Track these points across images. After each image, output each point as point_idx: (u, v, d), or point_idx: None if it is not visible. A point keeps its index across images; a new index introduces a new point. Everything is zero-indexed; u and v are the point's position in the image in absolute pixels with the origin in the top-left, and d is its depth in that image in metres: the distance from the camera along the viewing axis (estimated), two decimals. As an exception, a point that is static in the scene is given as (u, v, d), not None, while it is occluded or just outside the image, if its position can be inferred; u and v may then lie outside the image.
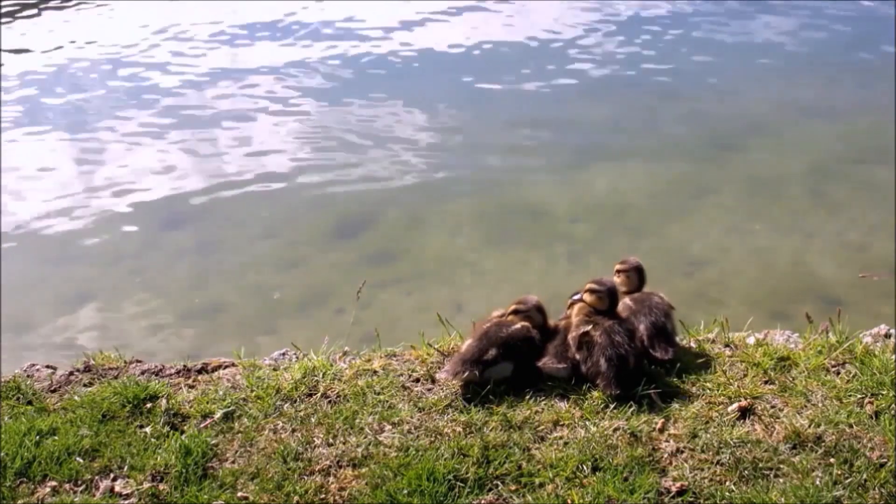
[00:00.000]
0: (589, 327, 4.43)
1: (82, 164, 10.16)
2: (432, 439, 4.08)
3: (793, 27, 13.40)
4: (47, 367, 5.00)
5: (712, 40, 13.00)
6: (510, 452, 3.95)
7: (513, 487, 3.78)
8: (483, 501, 3.73)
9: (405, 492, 3.74)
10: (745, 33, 13.27)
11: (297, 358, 4.93)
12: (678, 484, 3.73)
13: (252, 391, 4.51)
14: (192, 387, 4.64)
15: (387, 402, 4.37)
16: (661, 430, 4.04)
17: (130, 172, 9.86)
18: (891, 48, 12.23)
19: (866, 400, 4.18)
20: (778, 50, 12.64)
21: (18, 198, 9.43)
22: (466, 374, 4.37)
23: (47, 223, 8.97)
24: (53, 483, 3.94)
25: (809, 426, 4.01)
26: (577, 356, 4.42)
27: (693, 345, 4.75)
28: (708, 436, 3.99)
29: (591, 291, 4.55)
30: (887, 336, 4.76)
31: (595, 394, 4.30)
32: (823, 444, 3.91)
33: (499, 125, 10.63)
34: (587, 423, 4.11)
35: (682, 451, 3.93)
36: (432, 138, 10.41)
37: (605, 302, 4.55)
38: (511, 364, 4.44)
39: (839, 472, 3.74)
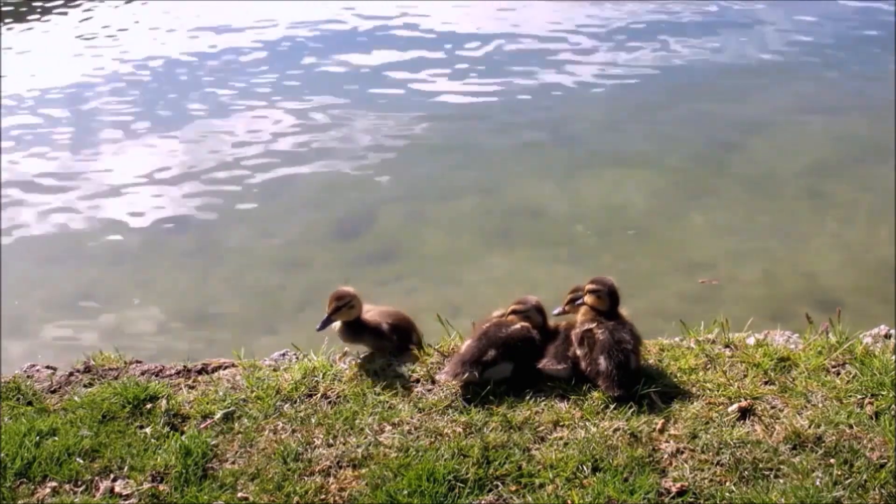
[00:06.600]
0: (593, 325, 4.43)
1: (82, 163, 10.16)
2: (432, 440, 4.08)
3: (793, 27, 13.40)
4: (47, 367, 5.01)
5: (711, 41, 13.00)
6: (510, 453, 3.94)
7: (513, 488, 3.78)
8: (483, 502, 3.73)
9: (405, 492, 3.74)
10: (745, 34, 13.27)
11: (297, 358, 4.93)
12: (678, 484, 3.73)
13: (252, 392, 4.51)
14: (192, 387, 4.64)
15: (387, 402, 4.37)
16: (661, 431, 4.04)
17: (131, 173, 9.85)
18: (891, 48, 12.23)
19: (866, 400, 4.17)
20: (778, 50, 12.64)
21: (19, 197, 9.42)
22: (466, 374, 4.36)
23: (48, 223, 8.97)
24: (53, 483, 3.95)
25: (809, 427, 4.01)
26: (578, 352, 4.41)
27: (693, 345, 4.75)
28: (708, 436, 3.99)
29: (591, 292, 4.53)
30: (887, 336, 4.76)
31: (595, 394, 4.30)
32: (823, 444, 3.91)
33: (499, 126, 10.63)
34: (587, 423, 4.11)
35: (682, 452, 3.93)
36: (432, 138, 10.40)
37: (605, 302, 4.52)
38: (511, 364, 4.43)
39: (839, 473, 3.74)
